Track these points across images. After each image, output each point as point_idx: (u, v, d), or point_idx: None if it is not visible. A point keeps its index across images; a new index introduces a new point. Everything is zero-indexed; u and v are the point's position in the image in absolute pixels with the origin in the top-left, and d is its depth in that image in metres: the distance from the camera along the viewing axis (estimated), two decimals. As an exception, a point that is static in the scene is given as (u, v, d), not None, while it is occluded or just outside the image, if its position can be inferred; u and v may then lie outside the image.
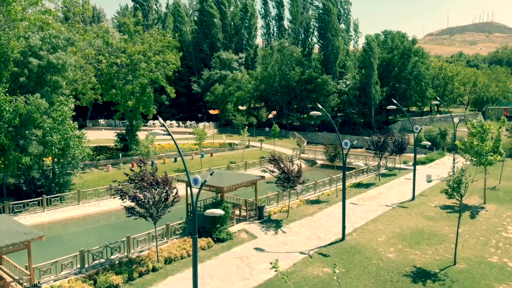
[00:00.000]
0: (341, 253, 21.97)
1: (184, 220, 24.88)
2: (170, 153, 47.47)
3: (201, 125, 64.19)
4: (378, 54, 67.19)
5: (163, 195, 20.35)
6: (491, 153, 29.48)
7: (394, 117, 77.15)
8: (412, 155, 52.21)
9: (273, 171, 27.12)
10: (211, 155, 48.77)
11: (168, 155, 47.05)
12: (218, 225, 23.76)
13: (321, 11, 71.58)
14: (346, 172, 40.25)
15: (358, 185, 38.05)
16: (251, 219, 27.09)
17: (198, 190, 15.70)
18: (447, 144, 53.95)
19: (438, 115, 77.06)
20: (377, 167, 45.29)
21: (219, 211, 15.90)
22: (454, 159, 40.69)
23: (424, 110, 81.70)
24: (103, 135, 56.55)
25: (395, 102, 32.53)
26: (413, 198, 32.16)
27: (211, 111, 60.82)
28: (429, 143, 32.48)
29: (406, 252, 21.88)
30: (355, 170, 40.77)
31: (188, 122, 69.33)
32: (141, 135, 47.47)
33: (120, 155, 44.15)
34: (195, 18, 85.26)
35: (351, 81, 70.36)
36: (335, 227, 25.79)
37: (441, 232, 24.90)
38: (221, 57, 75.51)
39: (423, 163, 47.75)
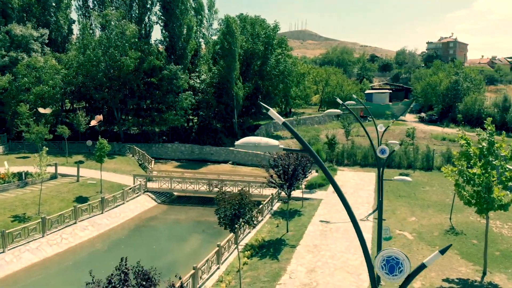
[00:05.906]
0: None
1: None
2: None
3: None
4: (240, 41, 52.56)
5: None
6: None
7: (253, 121, 64.50)
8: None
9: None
10: (-30, 206, 24.71)
11: None
12: None
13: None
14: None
15: (262, 249, 21.72)
16: None
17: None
18: (335, 155, 43.03)
19: (302, 117, 67.90)
20: (271, 199, 30.23)
21: None
22: (381, 183, 28.53)
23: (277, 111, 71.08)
24: None
25: (341, 102, 17.46)
26: None
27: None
28: (407, 178, 18.70)
29: None
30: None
31: None
32: None
33: None
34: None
35: (207, 75, 53.81)
36: None
37: None
38: (12, 33, 48.98)
39: (320, 185, 34.91)
